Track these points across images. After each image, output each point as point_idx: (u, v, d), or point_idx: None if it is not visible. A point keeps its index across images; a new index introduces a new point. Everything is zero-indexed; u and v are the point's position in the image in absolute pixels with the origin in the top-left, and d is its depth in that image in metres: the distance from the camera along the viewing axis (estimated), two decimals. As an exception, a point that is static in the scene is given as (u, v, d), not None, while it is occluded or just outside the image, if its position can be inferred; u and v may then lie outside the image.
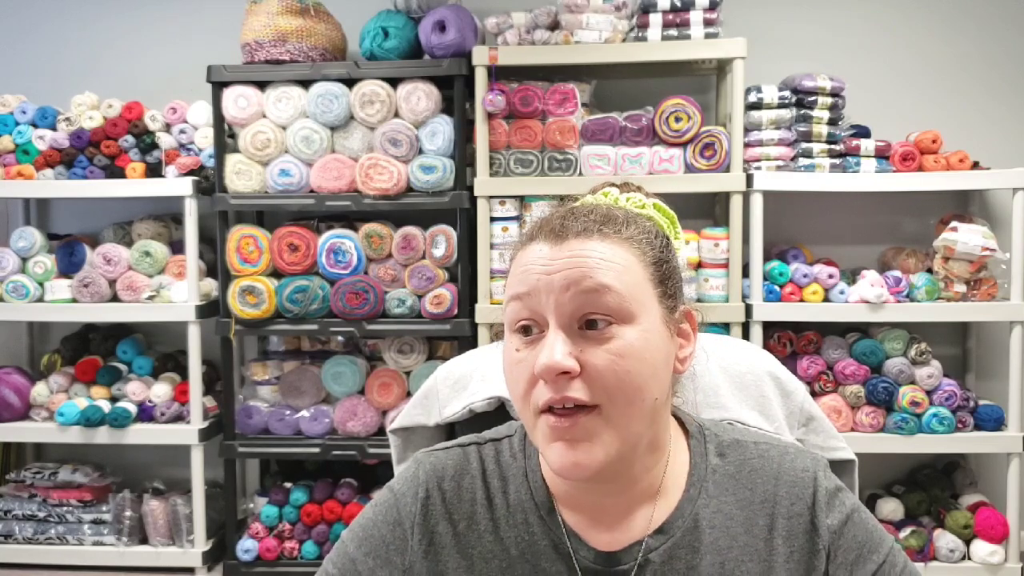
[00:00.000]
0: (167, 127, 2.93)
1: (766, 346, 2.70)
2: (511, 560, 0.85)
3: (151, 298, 2.85)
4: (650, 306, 0.79)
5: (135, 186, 2.84)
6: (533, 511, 0.86)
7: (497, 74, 2.65)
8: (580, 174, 2.66)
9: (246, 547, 2.81)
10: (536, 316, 0.78)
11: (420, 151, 2.71)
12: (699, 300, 2.69)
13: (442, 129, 2.68)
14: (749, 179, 2.65)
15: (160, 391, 2.92)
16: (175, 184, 2.81)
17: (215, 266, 2.87)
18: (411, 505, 0.87)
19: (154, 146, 2.89)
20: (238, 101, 2.73)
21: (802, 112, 2.67)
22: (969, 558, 2.68)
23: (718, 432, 0.90)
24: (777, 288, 2.69)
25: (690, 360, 0.85)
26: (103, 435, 2.85)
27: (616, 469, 0.79)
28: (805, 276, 2.68)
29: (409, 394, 2.79)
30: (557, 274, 0.77)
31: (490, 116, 2.67)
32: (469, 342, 2.72)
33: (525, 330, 0.79)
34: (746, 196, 2.66)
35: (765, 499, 0.85)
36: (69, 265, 2.91)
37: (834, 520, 0.83)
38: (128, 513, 2.92)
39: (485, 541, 0.86)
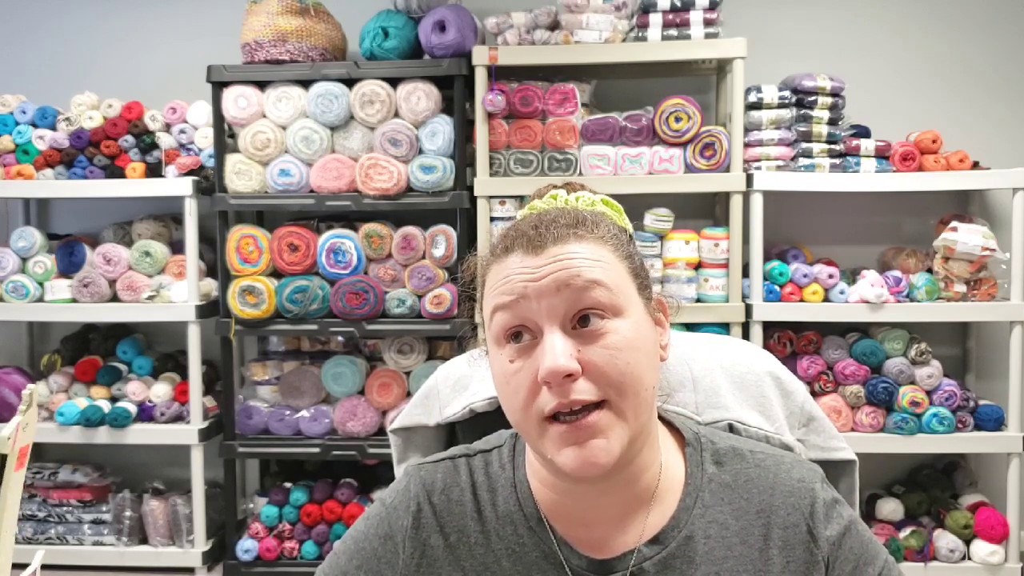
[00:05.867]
0: (167, 127, 2.93)
1: (766, 346, 2.70)
2: (503, 571, 0.85)
3: (151, 298, 2.85)
4: (633, 298, 0.81)
5: (135, 186, 2.84)
6: (522, 522, 0.86)
7: (497, 74, 2.65)
8: (580, 174, 2.66)
9: (246, 547, 2.81)
10: (526, 322, 0.78)
11: (420, 151, 2.71)
12: (699, 300, 2.69)
13: (442, 129, 2.68)
14: (749, 179, 2.65)
15: (160, 391, 2.92)
16: (175, 184, 2.80)
17: (215, 266, 2.87)
18: (402, 519, 0.87)
19: (154, 146, 2.89)
20: (238, 101, 2.73)
21: (802, 112, 2.67)
22: (969, 558, 2.68)
23: (714, 439, 0.90)
24: (777, 288, 2.69)
25: (669, 347, 0.87)
26: (103, 435, 2.85)
27: (621, 464, 0.79)
28: (805, 276, 2.68)
29: (409, 394, 2.79)
30: (546, 278, 0.77)
31: (490, 116, 2.67)
32: (469, 342, 2.72)
33: (515, 336, 0.79)
34: (746, 196, 2.66)
35: (761, 509, 0.84)
36: (69, 265, 2.90)
37: (833, 531, 0.83)
38: (128, 513, 2.92)
39: (476, 553, 0.86)
